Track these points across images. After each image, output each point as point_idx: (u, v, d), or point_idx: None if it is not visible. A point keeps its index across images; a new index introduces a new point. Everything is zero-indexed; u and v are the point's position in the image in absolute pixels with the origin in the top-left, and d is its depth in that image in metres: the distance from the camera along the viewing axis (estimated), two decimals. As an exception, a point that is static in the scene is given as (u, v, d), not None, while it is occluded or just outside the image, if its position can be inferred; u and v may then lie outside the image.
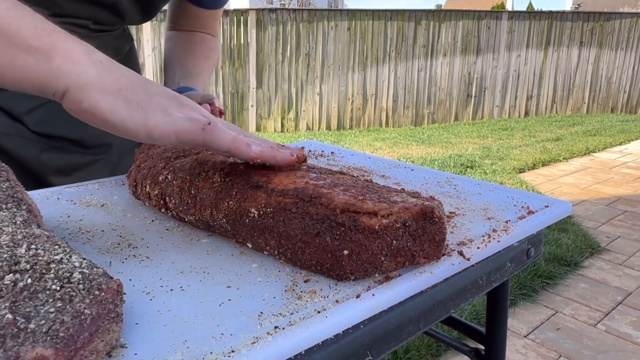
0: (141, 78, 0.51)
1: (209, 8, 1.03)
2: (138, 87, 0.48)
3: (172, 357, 0.35)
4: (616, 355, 1.86)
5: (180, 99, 0.51)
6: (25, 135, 0.82)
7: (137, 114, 0.47)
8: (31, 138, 0.82)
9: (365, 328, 0.44)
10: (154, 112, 0.47)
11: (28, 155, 0.82)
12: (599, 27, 8.27)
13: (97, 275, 0.36)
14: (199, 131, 0.47)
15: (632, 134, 6.41)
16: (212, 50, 1.07)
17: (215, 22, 1.09)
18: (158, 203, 0.61)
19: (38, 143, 0.83)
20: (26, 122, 0.81)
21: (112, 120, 0.47)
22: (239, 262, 0.51)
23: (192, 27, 1.06)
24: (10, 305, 0.32)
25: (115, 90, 0.47)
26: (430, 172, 0.84)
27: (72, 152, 0.89)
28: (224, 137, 0.48)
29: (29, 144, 0.82)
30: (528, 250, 0.64)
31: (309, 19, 7.00)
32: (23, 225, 0.41)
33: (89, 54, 0.48)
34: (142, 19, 0.93)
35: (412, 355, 1.79)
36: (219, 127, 0.48)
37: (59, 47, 0.46)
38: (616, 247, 2.88)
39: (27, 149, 0.82)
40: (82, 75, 0.46)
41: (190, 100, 0.52)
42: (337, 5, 34.93)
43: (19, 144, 0.81)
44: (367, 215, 0.45)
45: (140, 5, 0.87)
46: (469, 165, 4.61)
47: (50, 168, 0.85)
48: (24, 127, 0.82)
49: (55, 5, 0.76)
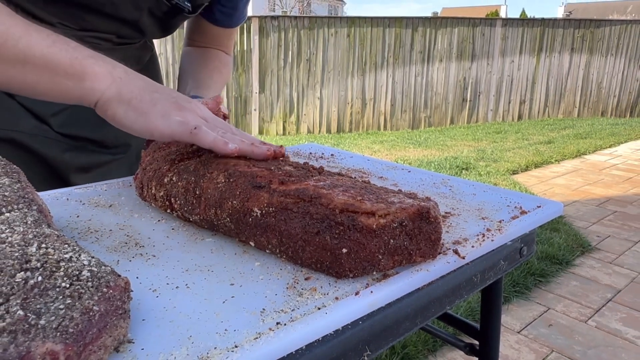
0: (151, 87, 0.61)
1: (225, 27, 1.05)
2: (146, 96, 0.59)
3: (178, 352, 0.35)
4: (606, 350, 1.86)
5: (180, 102, 0.60)
6: (50, 136, 0.84)
7: (141, 119, 0.58)
8: (55, 138, 0.85)
9: (364, 324, 0.44)
10: (155, 117, 0.58)
11: (52, 154, 0.85)
12: (589, 34, 8.27)
13: (105, 273, 0.36)
14: (187, 133, 0.57)
15: (621, 137, 6.41)
16: (225, 66, 1.09)
17: (230, 40, 1.11)
18: (164, 204, 0.61)
19: (62, 143, 0.86)
20: (51, 124, 0.84)
21: (125, 123, 0.59)
22: (242, 260, 0.51)
23: (207, 43, 1.08)
24: (22, 302, 0.32)
25: (127, 100, 0.59)
26: (426, 173, 0.84)
27: (93, 151, 0.91)
28: (206, 138, 0.57)
29: (53, 143, 0.85)
30: (521, 249, 0.64)
31: (309, 26, 7.00)
32: (34, 225, 0.41)
33: (111, 73, 0.60)
34: (162, 35, 0.96)
35: (409, 350, 1.79)
36: (203, 130, 0.57)
37: (89, 71, 0.59)
38: (606, 246, 2.88)
39: (51, 149, 0.85)
40: (106, 92, 0.59)
41: (190, 102, 0.62)
42: (337, 12, 34.95)
43: (44, 144, 0.84)
44: (366, 215, 0.45)
45: (159, 23, 0.90)
46: (464, 167, 4.60)
47: (72, 166, 0.88)
48: (49, 128, 0.84)
49: (83, 21, 0.80)
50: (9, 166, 0.53)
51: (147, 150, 0.72)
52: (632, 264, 2.62)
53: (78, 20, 0.80)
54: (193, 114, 0.59)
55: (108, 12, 0.80)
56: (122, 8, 0.81)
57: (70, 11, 0.78)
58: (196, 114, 0.60)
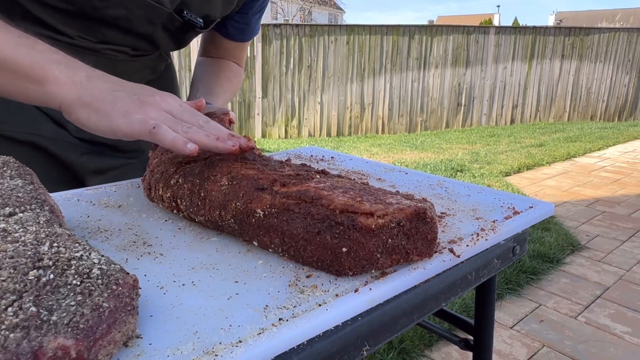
0: (115, 85, 0.59)
1: (237, 41, 1.06)
2: (108, 96, 0.57)
3: (184, 347, 0.35)
4: (595, 344, 1.86)
5: (143, 97, 0.57)
6: (68, 140, 0.85)
7: (104, 120, 0.56)
8: (73, 142, 0.86)
9: (363, 320, 0.44)
10: (117, 117, 0.55)
11: (70, 157, 0.86)
12: (579, 41, 8.27)
13: (114, 271, 0.36)
14: (146, 132, 0.55)
15: (609, 140, 6.40)
16: (236, 76, 1.09)
17: (242, 53, 1.11)
18: (170, 205, 0.61)
19: (79, 147, 0.87)
20: (69, 129, 0.85)
21: (89, 126, 0.57)
22: (246, 259, 0.51)
23: (220, 55, 1.09)
24: (34, 298, 0.32)
25: (88, 103, 0.56)
26: (423, 175, 0.84)
27: (109, 155, 0.92)
28: (165, 138, 0.54)
29: (71, 147, 0.86)
30: (514, 247, 0.64)
31: (310, 33, 7.01)
32: (46, 225, 0.41)
33: (71, 78, 0.57)
34: (176, 48, 0.96)
35: (406, 345, 1.79)
36: (162, 129, 0.54)
37: (49, 76, 0.57)
38: (595, 245, 2.87)
39: (69, 152, 0.86)
40: (67, 96, 0.57)
41: (154, 94, 0.58)
42: (337, 21, 34.97)
43: (63, 147, 0.85)
44: (365, 216, 0.45)
45: (173, 37, 0.91)
46: (459, 169, 4.60)
47: (88, 169, 0.89)
48: (67, 132, 0.85)
49: (101, 35, 0.81)
50: (22, 168, 0.53)
51: (154, 152, 0.72)
52: (620, 262, 2.62)
53: (96, 34, 0.81)
54: (156, 110, 0.56)
55: (123, 27, 0.80)
56: (136, 23, 0.81)
57: (88, 25, 0.79)
58: (159, 109, 0.57)
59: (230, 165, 0.58)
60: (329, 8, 34.45)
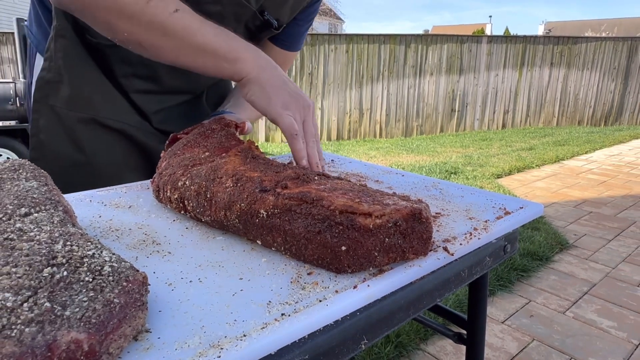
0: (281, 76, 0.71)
1: (287, 50, 1.04)
2: (277, 82, 0.70)
3: (192, 340, 0.35)
4: (582, 338, 1.85)
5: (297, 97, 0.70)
6: (149, 130, 0.92)
7: (264, 100, 0.69)
8: (154, 133, 0.93)
9: (362, 315, 0.44)
10: (275, 104, 0.68)
11: (150, 145, 0.92)
12: (567, 50, 8.27)
13: (125, 268, 0.36)
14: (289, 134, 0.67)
15: (596, 144, 6.40)
16: None
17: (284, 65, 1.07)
18: (178, 206, 0.61)
19: (159, 137, 0.93)
20: (152, 120, 0.92)
21: (253, 100, 0.70)
22: (250, 257, 0.51)
23: None
24: (49, 295, 0.32)
25: (263, 82, 0.69)
26: (418, 177, 0.84)
27: None
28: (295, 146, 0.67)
29: (152, 137, 0.92)
30: (505, 246, 0.64)
31: (311, 42, 7.01)
32: (60, 224, 0.41)
33: (256, 60, 0.71)
34: None
35: (402, 339, 1.79)
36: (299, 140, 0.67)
37: (241, 57, 0.70)
38: (582, 243, 2.87)
39: (150, 140, 0.92)
40: (250, 73, 0.70)
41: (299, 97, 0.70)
42: (336, 30, 34.98)
43: (145, 136, 0.91)
44: (363, 216, 0.45)
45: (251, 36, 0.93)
46: (453, 172, 4.60)
47: None
48: (149, 124, 0.92)
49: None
50: (37, 170, 0.53)
51: (164, 155, 0.72)
52: (606, 260, 2.61)
53: None
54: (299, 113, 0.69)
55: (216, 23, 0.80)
56: (227, 20, 0.84)
57: None
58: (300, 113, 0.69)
59: (234, 168, 0.58)
60: (329, 18, 34.48)
